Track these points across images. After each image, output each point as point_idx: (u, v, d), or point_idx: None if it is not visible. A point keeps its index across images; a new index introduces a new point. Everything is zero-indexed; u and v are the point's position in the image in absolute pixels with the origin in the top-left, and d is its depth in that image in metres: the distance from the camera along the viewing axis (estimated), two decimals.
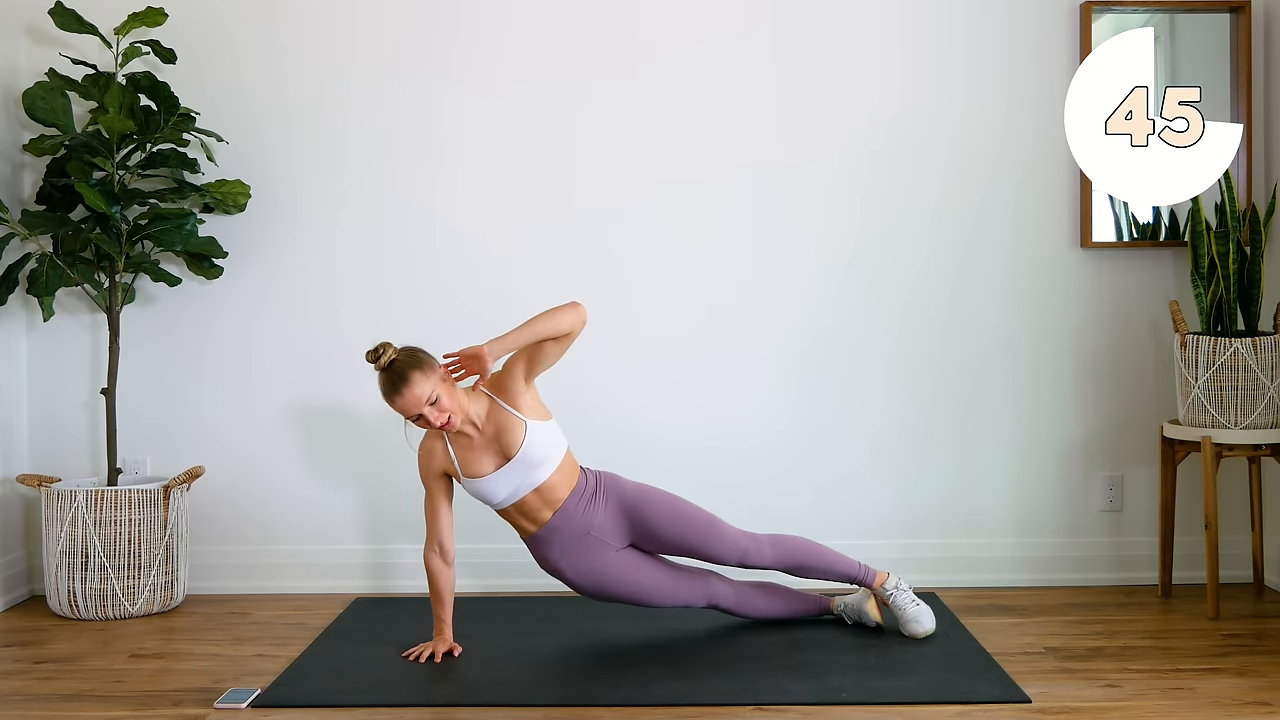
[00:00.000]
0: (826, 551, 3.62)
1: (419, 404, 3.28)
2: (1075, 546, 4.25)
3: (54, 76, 4.02)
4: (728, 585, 3.66)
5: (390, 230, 4.23)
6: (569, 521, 3.46)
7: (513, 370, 3.42)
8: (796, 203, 4.21)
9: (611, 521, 3.51)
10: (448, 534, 3.46)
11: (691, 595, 3.60)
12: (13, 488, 4.16)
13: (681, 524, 3.52)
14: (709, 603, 3.63)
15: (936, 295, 4.23)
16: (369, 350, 3.33)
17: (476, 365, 3.33)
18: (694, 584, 3.60)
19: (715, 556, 3.54)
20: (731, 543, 3.53)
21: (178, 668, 3.44)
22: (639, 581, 3.53)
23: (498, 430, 3.40)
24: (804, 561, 3.59)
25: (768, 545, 3.57)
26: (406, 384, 3.26)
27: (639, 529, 3.53)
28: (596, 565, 3.50)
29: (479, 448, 3.42)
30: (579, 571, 3.51)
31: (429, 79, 4.20)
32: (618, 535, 3.52)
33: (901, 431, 4.25)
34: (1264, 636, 3.61)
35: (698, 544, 3.53)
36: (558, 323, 3.35)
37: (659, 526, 3.51)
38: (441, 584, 3.46)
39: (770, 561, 3.57)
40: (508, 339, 3.34)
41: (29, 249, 4.07)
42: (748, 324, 4.23)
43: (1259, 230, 3.86)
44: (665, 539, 3.53)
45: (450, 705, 3.12)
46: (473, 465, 3.42)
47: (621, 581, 3.52)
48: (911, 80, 4.20)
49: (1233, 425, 3.82)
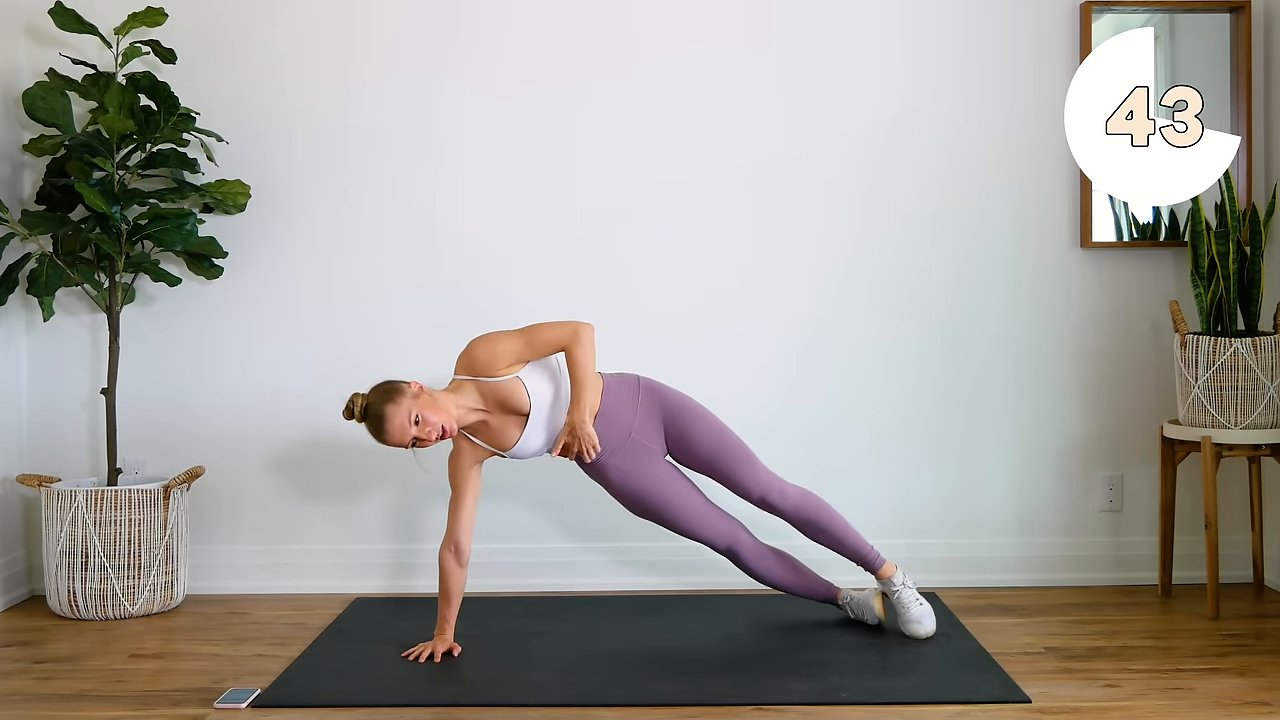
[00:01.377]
0: (845, 522, 3.62)
1: (405, 433, 3.32)
2: (1075, 546, 4.25)
3: (54, 76, 4.02)
4: (751, 538, 3.67)
5: (390, 229, 4.23)
6: (609, 427, 3.51)
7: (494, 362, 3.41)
8: (798, 202, 4.21)
9: (652, 425, 3.55)
10: (466, 535, 3.48)
11: (717, 531, 3.61)
12: (13, 488, 4.16)
13: (718, 440, 3.56)
14: (729, 544, 3.63)
15: (936, 295, 4.23)
16: (343, 409, 3.40)
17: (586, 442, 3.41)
18: (723, 522, 3.63)
19: (740, 485, 3.57)
20: (758, 477, 3.56)
21: (178, 668, 3.44)
22: (675, 494, 3.57)
23: (501, 401, 3.44)
24: (820, 521, 3.59)
25: (793, 492, 3.58)
26: (384, 421, 3.31)
27: (676, 437, 3.57)
28: (638, 470, 3.54)
29: (496, 424, 3.46)
30: (623, 473, 3.54)
31: (428, 78, 4.20)
32: (657, 440, 3.56)
33: (901, 431, 4.25)
34: (1264, 636, 3.61)
35: (728, 465, 3.56)
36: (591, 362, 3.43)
37: (697, 436, 3.55)
38: (452, 584, 3.47)
39: (790, 507, 3.57)
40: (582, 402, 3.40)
41: (29, 249, 4.07)
42: (748, 324, 4.23)
43: (1259, 230, 3.87)
44: (699, 453, 3.56)
45: (450, 705, 3.12)
46: (503, 439, 3.48)
47: (659, 493, 3.55)
48: (912, 80, 4.20)
49: (1233, 425, 3.82)
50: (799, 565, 3.75)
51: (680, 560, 4.16)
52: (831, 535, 3.61)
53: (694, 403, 3.61)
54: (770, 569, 3.69)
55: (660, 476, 3.57)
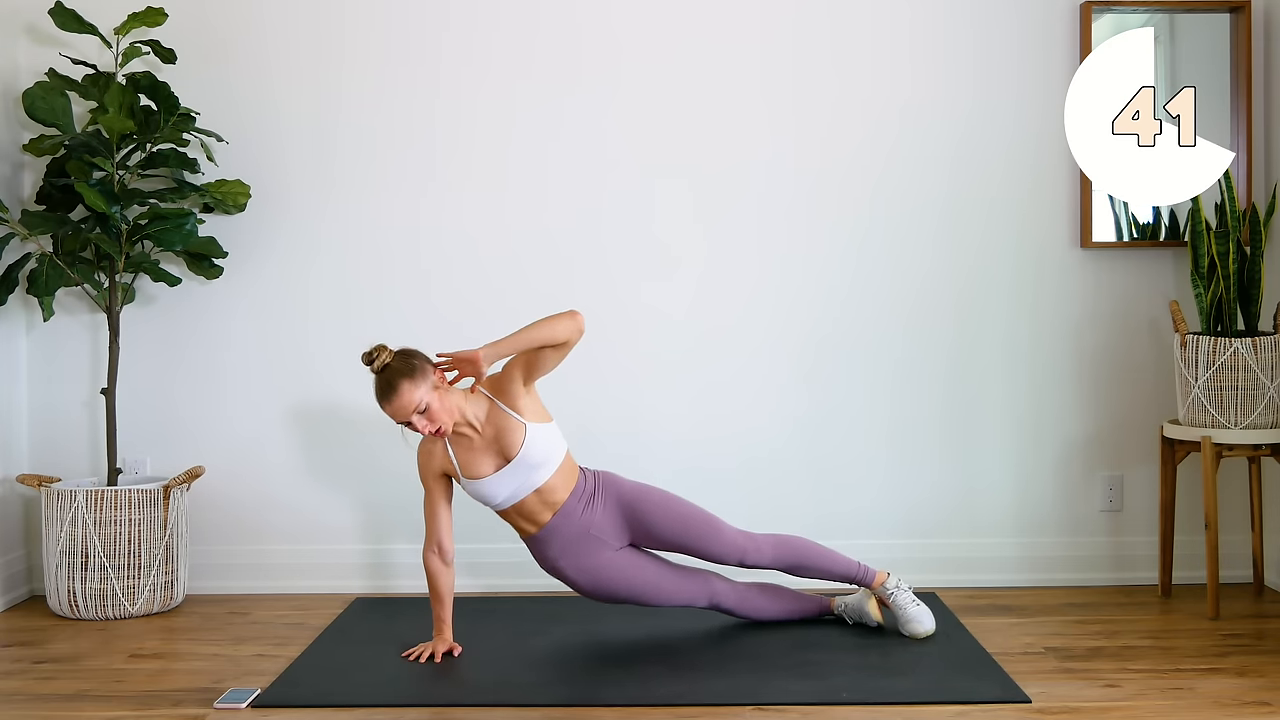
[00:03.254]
0: (825, 551, 3.62)
1: (406, 412, 3.30)
2: (1075, 546, 4.25)
3: (54, 76, 4.02)
4: (729, 585, 3.66)
5: (392, 229, 4.23)
6: (568, 522, 3.47)
7: (511, 373, 3.42)
8: (801, 203, 4.21)
9: (611, 521, 3.51)
10: (446, 534, 3.47)
11: (692, 595, 3.60)
12: (13, 488, 4.16)
13: (680, 523, 3.52)
14: (710, 602, 3.63)
15: (937, 295, 4.23)
16: (365, 351, 3.34)
17: (471, 369, 3.35)
18: (695, 583, 3.60)
19: (714, 556, 3.54)
20: (730, 542, 3.54)
21: (178, 668, 3.44)
22: (640, 580, 3.53)
23: (497, 432, 3.41)
24: (803, 561, 3.59)
25: (766, 545, 3.57)
26: (395, 392, 3.29)
27: (638, 528, 3.53)
28: (597, 564, 3.50)
29: (479, 449, 3.42)
30: (580, 569, 3.51)
31: (430, 80, 4.20)
32: (617, 534, 3.52)
33: (901, 431, 4.25)
34: (1264, 636, 3.61)
35: (696, 543, 3.53)
36: (554, 331, 3.35)
37: (658, 525, 3.52)
38: (441, 584, 3.46)
39: (769, 561, 3.57)
40: (504, 344, 3.35)
41: (29, 249, 4.07)
42: (748, 323, 4.23)
43: (1259, 230, 3.86)
44: (664, 537, 3.53)
45: (450, 705, 3.12)
46: (473, 466, 3.43)
47: (622, 580, 3.52)
48: (911, 81, 4.20)
49: (1233, 425, 3.82)
50: (786, 591, 3.75)
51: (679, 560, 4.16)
52: (818, 569, 3.61)
53: (650, 489, 3.58)
54: (758, 606, 3.68)
55: (619, 565, 3.52)
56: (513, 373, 3.42)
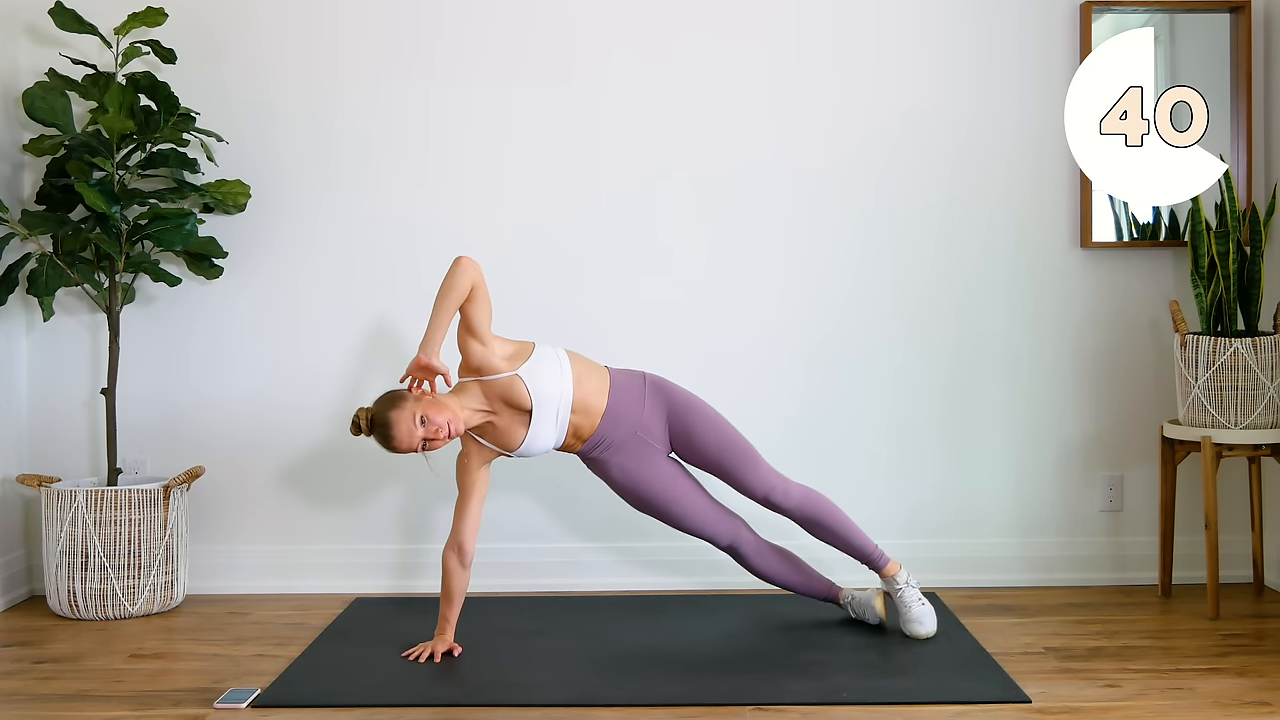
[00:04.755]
0: (849, 521, 3.62)
1: (412, 435, 3.32)
2: (1075, 546, 4.25)
3: (54, 76, 4.02)
4: (753, 535, 3.68)
5: (392, 229, 4.23)
6: (616, 424, 3.52)
7: (467, 347, 3.43)
8: (801, 203, 4.21)
9: (657, 422, 3.56)
10: (470, 536, 3.48)
11: (719, 528, 3.63)
12: (13, 488, 4.16)
13: (723, 439, 3.57)
14: (730, 541, 3.64)
15: (936, 295, 4.23)
16: (350, 427, 3.41)
17: (426, 373, 3.39)
18: (725, 519, 3.64)
19: (744, 484, 3.57)
20: (762, 476, 3.57)
21: (178, 668, 3.44)
22: (675, 492, 3.58)
23: (504, 399, 3.44)
24: (825, 519, 3.60)
25: (796, 490, 3.58)
26: (391, 427, 3.32)
27: (681, 435, 3.57)
28: (643, 469, 3.55)
29: (503, 424, 3.46)
30: (625, 470, 3.55)
31: (431, 79, 4.20)
32: (661, 437, 3.57)
33: (901, 431, 4.25)
34: (1264, 636, 3.61)
35: (733, 464, 3.56)
36: (456, 287, 3.35)
37: (701, 435, 3.56)
38: (454, 584, 3.47)
39: (794, 505, 3.57)
40: (430, 333, 3.37)
41: (29, 249, 4.07)
42: (748, 322, 4.23)
43: (1259, 230, 3.86)
44: (705, 450, 3.57)
45: (450, 705, 3.12)
46: (509, 439, 3.47)
47: (660, 487, 3.56)
48: (910, 82, 4.20)
49: (1233, 425, 3.82)
50: (801, 563, 3.75)
51: (681, 560, 4.16)
52: (836, 534, 3.61)
53: (700, 401, 3.62)
54: (772, 566, 3.69)
55: (663, 473, 3.58)
56: (467, 346, 3.43)
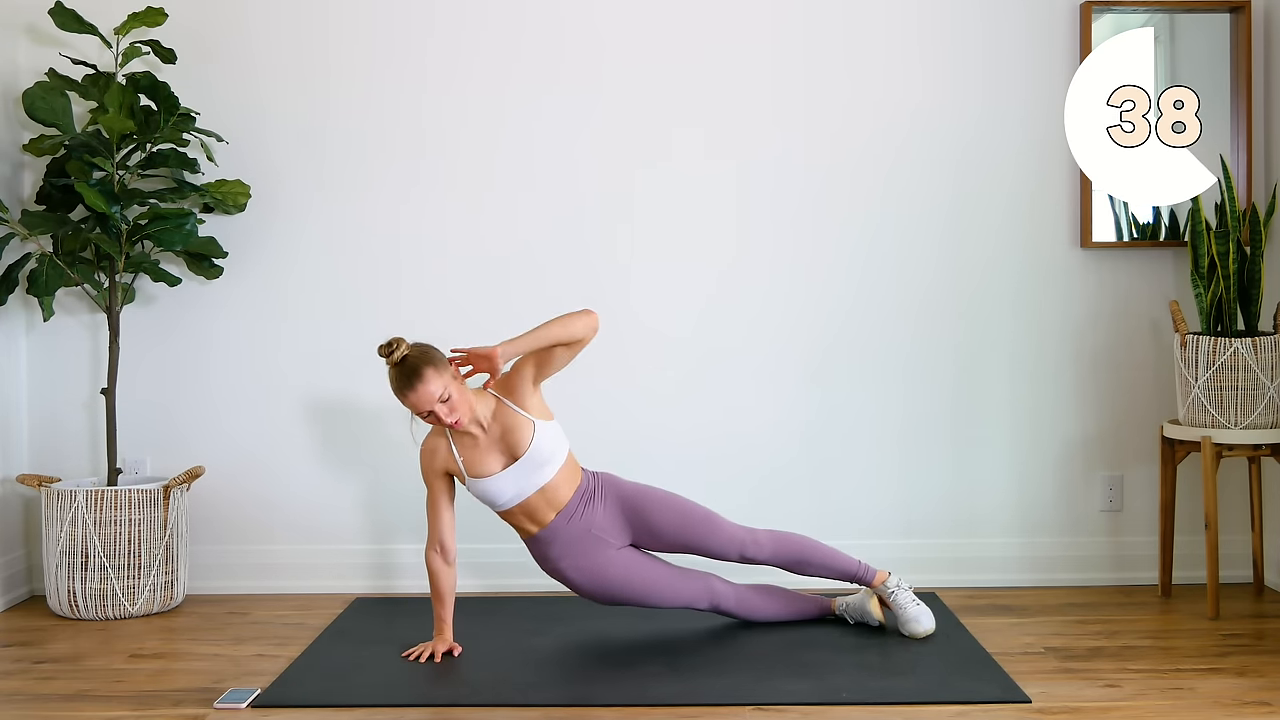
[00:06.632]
0: (825, 549, 3.62)
1: (431, 400, 3.28)
2: (1075, 546, 4.25)
3: (54, 76, 4.02)
4: (729, 587, 3.66)
5: (392, 229, 4.23)
6: (570, 522, 3.47)
7: (522, 372, 3.42)
8: (807, 205, 4.21)
9: (612, 520, 3.52)
10: (449, 533, 3.47)
11: (693, 595, 3.60)
12: (13, 488, 4.16)
13: (680, 519, 3.53)
14: (710, 603, 3.63)
15: (936, 296, 4.23)
16: (381, 345, 3.33)
17: (487, 365, 3.35)
18: (695, 584, 3.61)
19: (715, 551, 3.55)
20: (730, 537, 3.55)
21: (178, 668, 3.44)
22: (640, 580, 3.53)
23: (504, 430, 3.41)
24: (803, 557, 3.60)
25: (766, 539, 3.57)
26: (420, 379, 3.27)
27: (639, 526, 3.54)
28: (597, 564, 3.50)
29: (484, 448, 3.42)
30: (580, 570, 3.51)
31: (432, 79, 4.20)
32: (618, 533, 3.53)
33: (901, 431, 4.24)
34: (1264, 636, 3.61)
35: (697, 539, 3.54)
36: (571, 329, 3.37)
37: (658, 521, 3.53)
38: (442, 583, 3.46)
39: (769, 555, 3.57)
40: (521, 341, 3.35)
41: (29, 249, 4.07)
42: (748, 322, 4.23)
43: (1259, 230, 3.86)
44: (665, 534, 3.54)
45: (450, 705, 3.12)
46: (479, 465, 3.43)
47: (623, 580, 3.52)
48: (910, 82, 4.20)
49: (1233, 425, 3.82)
50: (785, 593, 3.75)
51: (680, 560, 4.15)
52: (817, 565, 3.61)
53: (648, 488, 3.60)
54: (758, 607, 3.68)
55: (619, 561, 3.53)
56: (523, 371, 3.42)
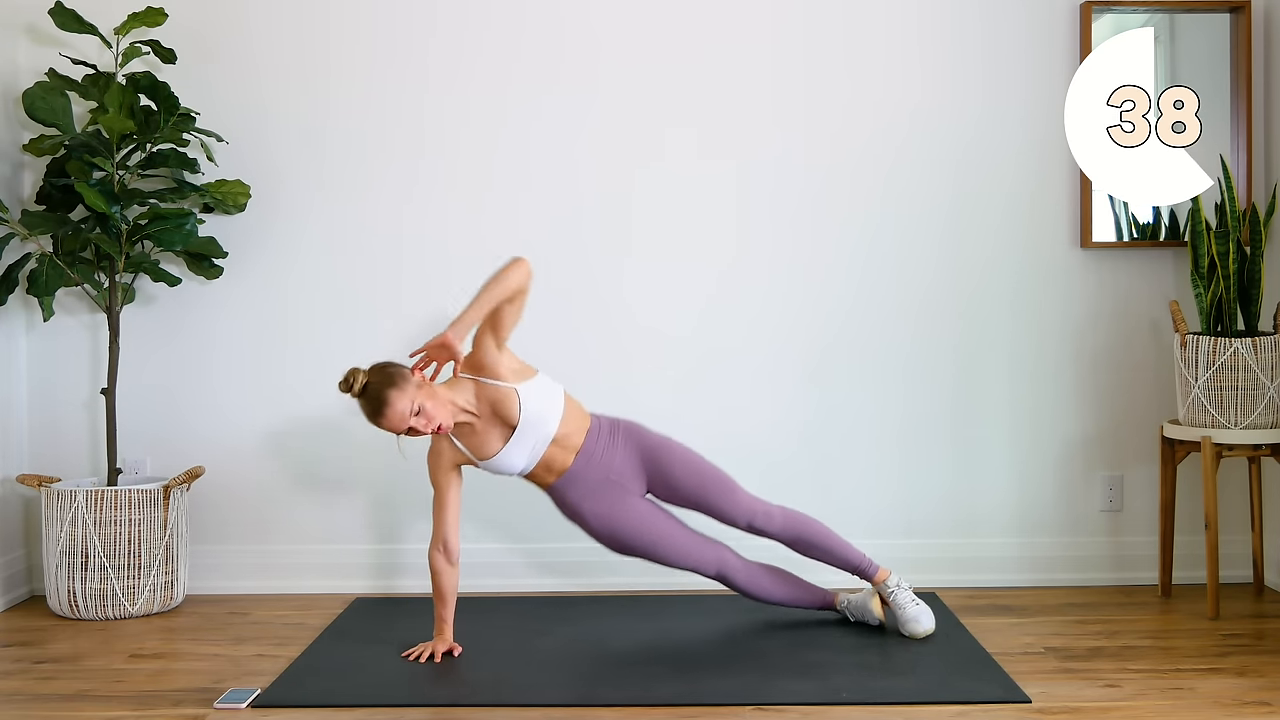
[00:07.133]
0: (835, 536, 3.63)
1: (404, 419, 3.31)
2: (1075, 546, 4.25)
3: (54, 76, 4.02)
4: (740, 561, 3.67)
5: (392, 229, 4.23)
6: (589, 464, 3.50)
7: (482, 344, 3.43)
8: (806, 205, 4.21)
9: (631, 466, 3.55)
10: (453, 533, 3.48)
11: (703, 559, 3.61)
12: (13, 488, 4.16)
13: (698, 476, 3.57)
14: (718, 570, 3.63)
15: (936, 296, 4.23)
16: (340, 381, 3.36)
17: (447, 354, 3.37)
18: (708, 549, 3.62)
19: (726, 515, 3.58)
20: (743, 503, 3.57)
21: (178, 668, 3.44)
22: (655, 532, 3.55)
23: (493, 406, 3.43)
24: (810, 538, 3.61)
25: (779, 515, 3.59)
26: (386, 404, 3.30)
27: (656, 477, 3.57)
28: (615, 510, 3.53)
29: (481, 430, 3.45)
30: (598, 515, 3.53)
31: (433, 79, 4.20)
32: (636, 480, 3.56)
33: (901, 431, 4.24)
34: (1264, 636, 3.61)
35: (712, 499, 3.57)
36: (507, 285, 3.36)
37: (676, 475, 3.56)
38: (444, 583, 3.47)
39: (778, 529, 3.58)
40: (466, 316, 3.35)
41: (29, 249, 4.07)
42: (748, 322, 4.23)
43: (1259, 230, 3.86)
44: (681, 489, 3.57)
45: (450, 705, 3.12)
46: (483, 447, 3.46)
47: (638, 528, 3.54)
48: (910, 82, 4.20)
49: (1233, 425, 3.82)
50: (792, 577, 3.74)
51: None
52: (823, 549, 3.62)
53: (672, 441, 3.62)
54: (764, 586, 3.68)
55: (638, 512, 3.55)
56: (483, 343, 3.43)
